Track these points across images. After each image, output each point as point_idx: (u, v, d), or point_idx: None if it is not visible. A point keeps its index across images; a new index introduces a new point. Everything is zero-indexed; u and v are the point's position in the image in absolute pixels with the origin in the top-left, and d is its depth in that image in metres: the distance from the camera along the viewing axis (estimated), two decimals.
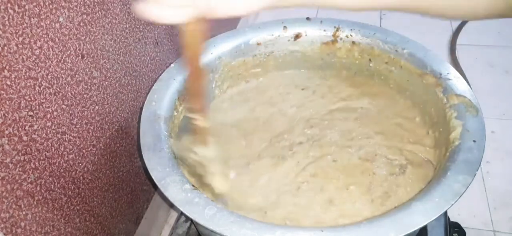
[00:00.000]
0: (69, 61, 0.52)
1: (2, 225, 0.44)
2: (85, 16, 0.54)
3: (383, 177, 0.56)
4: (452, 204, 0.42)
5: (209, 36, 0.37)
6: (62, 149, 0.52)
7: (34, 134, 0.47)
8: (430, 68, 0.60)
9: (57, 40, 0.49)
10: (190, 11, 0.31)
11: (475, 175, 0.45)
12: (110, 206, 0.64)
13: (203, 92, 0.44)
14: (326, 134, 0.62)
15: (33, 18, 0.45)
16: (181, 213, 0.67)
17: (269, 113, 0.67)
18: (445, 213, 0.57)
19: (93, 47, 0.56)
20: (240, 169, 0.59)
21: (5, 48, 0.42)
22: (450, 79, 0.58)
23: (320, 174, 0.57)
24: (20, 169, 0.45)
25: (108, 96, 0.61)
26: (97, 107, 0.58)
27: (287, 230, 0.42)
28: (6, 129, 0.43)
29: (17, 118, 0.44)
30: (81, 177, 0.57)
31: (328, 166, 0.58)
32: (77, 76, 0.53)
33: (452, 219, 0.68)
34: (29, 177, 0.47)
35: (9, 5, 0.42)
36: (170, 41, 0.79)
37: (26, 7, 0.44)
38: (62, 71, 0.51)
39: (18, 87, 0.44)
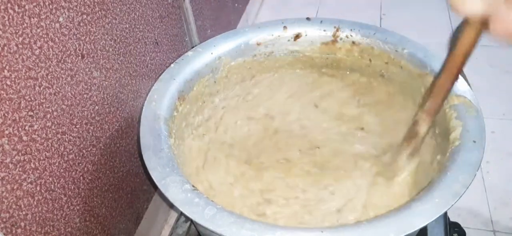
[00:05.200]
0: (69, 61, 0.52)
1: (2, 225, 0.44)
2: (85, 16, 0.54)
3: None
4: (452, 205, 0.42)
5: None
6: (62, 149, 0.52)
7: (34, 134, 0.47)
8: (430, 68, 0.60)
9: (57, 40, 0.49)
10: (486, 8, 0.30)
11: (475, 175, 0.45)
12: (110, 206, 0.64)
13: (447, 95, 0.43)
14: (325, 134, 0.62)
15: (33, 18, 0.45)
16: (181, 213, 0.67)
17: (268, 114, 0.67)
18: (445, 213, 0.57)
19: (93, 47, 0.56)
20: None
21: (5, 48, 0.42)
22: None
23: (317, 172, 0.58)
24: (20, 169, 0.45)
25: (108, 96, 0.61)
26: (97, 107, 0.58)
27: (287, 231, 0.42)
28: (6, 129, 0.43)
29: (17, 118, 0.44)
30: (81, 177, 0.57)
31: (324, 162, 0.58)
32: (77, 76, 0.53)
33: (452, 219, 0.68)
34: (29, 177, 0.47)
35: (9, 5, 0.42)
36: (170, 41, 0.79)
37: (26, 7, 0.44)
38: (62, 71, 0.51)
39: (18, 87, 0.44)
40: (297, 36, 0.70)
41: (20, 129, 0.45)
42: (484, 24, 0.31)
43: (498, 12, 0.30)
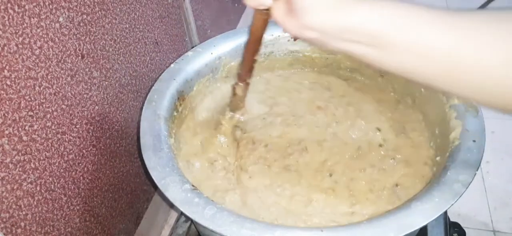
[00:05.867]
0: (69, 61, 0.52)
1: (2, 225, 0.44)
2: (85, 16, 0.54)
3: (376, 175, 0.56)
4: (452, 204, 0.42)
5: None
6: (62, 149, 0.52)
7: (34, 134, 0.47)
8: None
9: (57, 40, 0.49)
10: (267, 2, 0.39)
11: (475, 175, 0.45)
12: (110, 206, 0.64)
13: (252, 67, 0.54)
14: (326, 133, 0.62)
15: (33, 18, 0.45)
16: (181, 213, 0.67)
17: (267, 114, 0.67)
18: (445, 213, 0.57)
19: (93, 47, 0.56)
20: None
21: (5, 48, 0.42)
22: None
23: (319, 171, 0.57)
24: (20, 169, 0.45)
25: (108, 96, 0.61)
26: (97, 107, 0.58)
27: (287, 230, 0.42)
28: (6, 129, 0.43)
29: (17, 118, 0.44)
30: (81, 177, 0.57)
31: (325, 161, 0.58)
32: (77, 76, 0.53)
33: (452, 219, 0.68)
34: (29, 177, 0.47)
35: (9, 5, 0.42)
36: (170, 41, 0.79)
37: (26, 7, 0.44)
38: (62, 71, 0.51)
39: (18, 87, 0.44)
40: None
41: (20, 129, 0.45)
42: (268, 13, 0.40)
43: (273, 6, 0.39)
